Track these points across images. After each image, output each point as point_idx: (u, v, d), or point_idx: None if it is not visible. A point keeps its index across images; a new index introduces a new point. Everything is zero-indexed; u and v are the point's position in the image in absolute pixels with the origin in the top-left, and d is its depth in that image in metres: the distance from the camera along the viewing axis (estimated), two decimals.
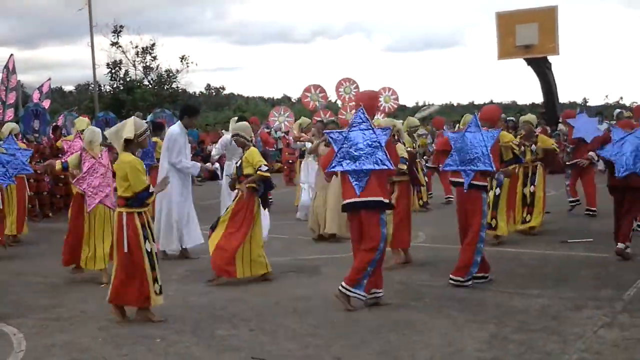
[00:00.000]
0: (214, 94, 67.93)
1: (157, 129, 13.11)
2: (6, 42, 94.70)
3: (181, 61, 34.98)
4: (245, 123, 8.75)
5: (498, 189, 9.89)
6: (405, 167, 8.49)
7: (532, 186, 10.80)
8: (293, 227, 12.18)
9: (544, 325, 6.12)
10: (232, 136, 8.57)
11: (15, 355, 5.73)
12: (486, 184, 7.80)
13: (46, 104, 18.37)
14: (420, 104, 52.81)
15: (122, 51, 33.83)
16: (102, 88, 33.50)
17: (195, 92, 58.31)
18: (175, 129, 9.73)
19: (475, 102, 58.27)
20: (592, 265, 8.56)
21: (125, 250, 6.41)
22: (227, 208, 8.26)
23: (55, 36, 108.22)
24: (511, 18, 23.40)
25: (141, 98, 30.87)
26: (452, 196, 16.03)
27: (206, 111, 46.73)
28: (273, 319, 6.56)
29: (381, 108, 23.55)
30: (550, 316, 6.41)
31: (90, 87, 36.15)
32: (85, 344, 5.95)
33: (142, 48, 34.20)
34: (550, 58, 23.41)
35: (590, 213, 12.41)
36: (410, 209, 9.03)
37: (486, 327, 6.12)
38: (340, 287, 6.79)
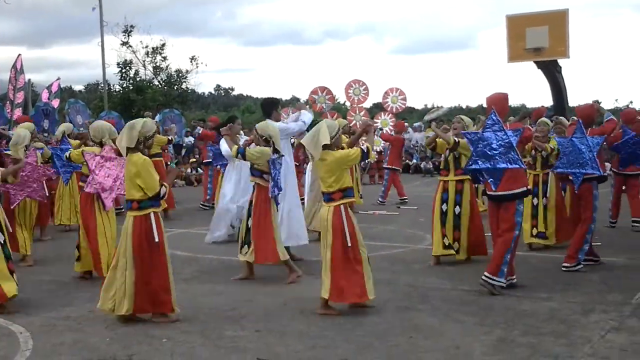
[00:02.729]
0: (223, 94, 68.10)
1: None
2: (16, 41, 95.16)
3: (191, 62, 35.02)
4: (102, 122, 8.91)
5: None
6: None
7: (544, 198, 9.95)
8: None
9: (551, 329, 6.10)
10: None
11: (22, 353, 5.74)
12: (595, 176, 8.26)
13: (55, 103, 18.41)
14: (429, 106, 52.68)
15: (132, 51, 33.87)
16: (112, 88, 33.56)
17: (204, 93, 58.52)
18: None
19: (485, 105, 58.11)
20: (600, 269, 8.53)
21: (349, 244, 6.69)
22: None
23: (65, 35, 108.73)
24: (521, 21, 23.27)
25: (151, 98, 30.87)
26: (405, 197, 16.11)
27: (215, 111, 46.94)
28: (280, 320, 6.57)
29: (388, 108, 23.50)
30: (558, 320, 6.40)
31: (99, 87, 36.24)
32: (92, 344, 5.97)
33: (152, 48, 34.22)
34: (561, 61, 23.27)
35: None
36: (272, 217, 8.17)
37: (494, 330, 6.11)
38: (483, 277, 7.37)
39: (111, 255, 8.26)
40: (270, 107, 9.33)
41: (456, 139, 8.89)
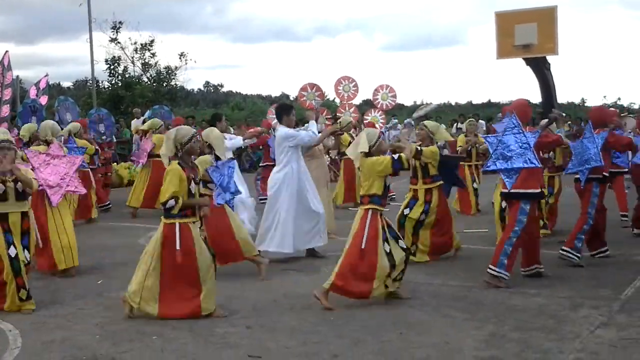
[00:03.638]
0: (212, 91, 67.93)
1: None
2: (4, 38, 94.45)
3: (180, 58, 34.90)
4: None
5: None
6: None
7: None
8: None
9: (541, 324, 6.13)
10: None
11: (11, 352, 5.72)
12: (596, 176, 8.45)
13: (43, 100, 18.28)
14: (419, 102, 52.67)
15: (121, 47, 33.70)
16: (101, 84, 33.38)
17: (193, 89, 58.30)
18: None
19: (474, 102, 58.31)
20: (589, 264, 8.56)
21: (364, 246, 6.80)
22: None
23: (53, 32, 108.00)
24: (510, 18, 23.32)
25: (140, 94, 30.76)
26: (393, 194, 15.91)
27: (204, 108, 46.82)
28: (271, 316, 6.56)
29: (378, 105, 23.50)
30: (548, 315, 6.43)
31: (88, 83, 36.03)
32: (82, 341, 5.94)
33: (141, 44, 34.06)
34: (549, 58, 23.34)
35: None
36: (227, 217, 8.08)
37: (484, 326, 6.13)
38: (488, 270, 7.58)
39: (62, 251, 8.38)
40: (282, 112, 9.49)
41: (418, 147, 8.75)
